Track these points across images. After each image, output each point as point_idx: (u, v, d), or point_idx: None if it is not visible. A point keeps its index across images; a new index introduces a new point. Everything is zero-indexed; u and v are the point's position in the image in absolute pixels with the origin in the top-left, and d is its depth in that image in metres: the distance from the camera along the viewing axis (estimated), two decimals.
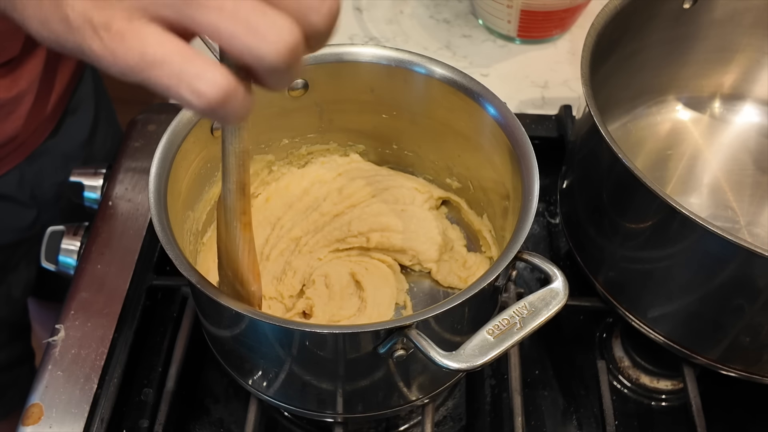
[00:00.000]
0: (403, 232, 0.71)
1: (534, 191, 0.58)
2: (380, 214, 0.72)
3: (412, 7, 1.09)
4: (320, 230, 0.73)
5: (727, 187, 0.81)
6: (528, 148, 0.61)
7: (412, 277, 0.73)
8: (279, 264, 0.71)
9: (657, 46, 0.79)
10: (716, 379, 0.69)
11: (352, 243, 0.72)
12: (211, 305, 0.58)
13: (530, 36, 1.02)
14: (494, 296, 0.60)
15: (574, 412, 0.74)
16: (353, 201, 0.74)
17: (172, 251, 0.54)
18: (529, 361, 0.76)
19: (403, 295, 0.71)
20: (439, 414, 0.73)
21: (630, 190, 0.61)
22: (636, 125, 0.85)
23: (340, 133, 0.76)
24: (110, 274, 0.74)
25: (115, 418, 0.69)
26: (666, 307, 0.66)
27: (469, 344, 0.50)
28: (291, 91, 0.69)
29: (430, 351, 0.49)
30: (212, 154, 0.67)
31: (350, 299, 0.69)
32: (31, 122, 0.86)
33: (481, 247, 0.74)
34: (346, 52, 0.68)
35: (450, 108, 0.68)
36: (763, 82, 0.85)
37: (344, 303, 0.68)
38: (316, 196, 0.75)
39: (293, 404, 0.63)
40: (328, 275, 0.69)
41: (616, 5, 0.69)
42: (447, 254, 0.73)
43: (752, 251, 0.54)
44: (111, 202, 0.80)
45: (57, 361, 0.69)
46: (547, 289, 0.53)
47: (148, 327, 0.76)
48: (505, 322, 0.50)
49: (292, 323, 0.53)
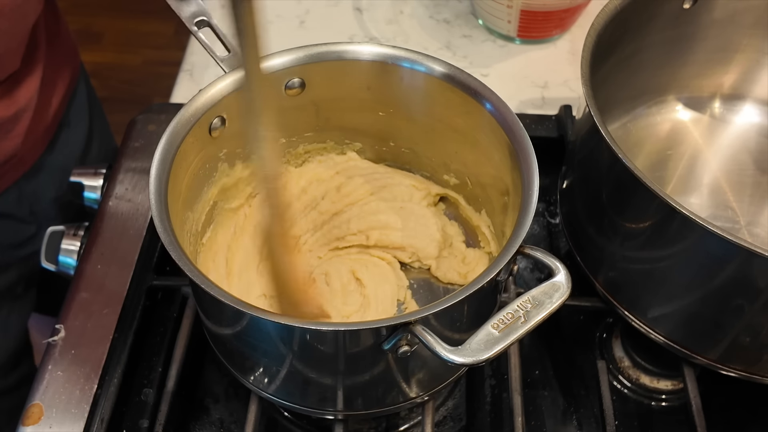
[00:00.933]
0: (402, 230, 0.71)
1: (534, 185, 0.58)
2: (379, 212, 0.72)
3: (412, 7, 1.09)
4: (319, 229, 0.73)
5: (727, 187, 0.81)
6: (526, 143, 0.61)
7: (411, 274, 0.73)
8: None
9: (657, 46, 0.79)
10: (716, 379, 0.69)
11: (352, 241, 0.72)
12: (214, 304, 0.58)
13: (530, 36, 1.02)
14: (495, 292, 0.61)
15: (574, 412, 0.74)
16: (351, 199, 0.74)
17: (175, 252, 0.53)
18: (529, 361, 0.76)
19: (404, 291, 0.71)
20: (439, 414, 0.73)
21: (630, 190, 0.61)
22: (636, 125, 0.85)
23: (337, 131, 0.76)
24: (110, 274, 0.74)
25: (115, 418, 0.69)
26: (666, 307, 0.66)
27: (475, 338, 0.49)
28: (288, 90, 0.69)
29: (436, 346, 0.49)
30: (210, 155, 0.67)
31: (351, 296, 0.69)
32: (29, 139, 0.86)
33: (479, 243, 0.74)
34: (342, 50, 0.68)
35: (447, 105, 0.68)
36: (763, 82, 0.85)
37: (347, 300, 0.68)
38: (314, 195, 0.75)
39: (294, 401, 0.63)
40: (328, 273, 0.69)
41: (616, 5, 0.69)
42: (446, 251, 0.73)
43: (752, 251, 0.54)
44: (111, 202, 0.80)
45: (57, 361, 0.69)
46: (550, 282, 0.53)
47: (148, 327, 0.76)
48: (510, 316, 0.50)
49: (294, 320, 0.53)
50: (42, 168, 0.91)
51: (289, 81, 0.68)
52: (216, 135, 0.66)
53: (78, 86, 0.98)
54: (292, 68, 0.67)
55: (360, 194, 0.75)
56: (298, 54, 0.67)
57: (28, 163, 0.89)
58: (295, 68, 0.67)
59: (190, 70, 0.99)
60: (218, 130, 0.66)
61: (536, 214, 0.57)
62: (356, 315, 0.68)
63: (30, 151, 0.88)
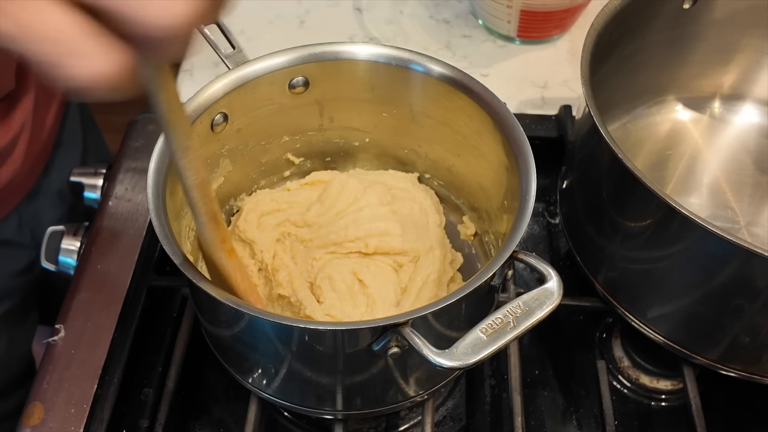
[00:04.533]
0: (402, 234, 0.71)
1: (531, 191, 0.58)
2: (376, 219, 0.71)
3: (412, 7, 1.09)
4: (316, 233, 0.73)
5: (727, 187, 0.81)
6: (526, 148, 0.61)
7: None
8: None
9: (657, 46, 0.79)
10: (716, 379, 0.69)
11: (350, 248, 0.71)
12: (211, 303, 0.58)
13: (530, 36, 1.02)
14: (490, 295, 0.61)
15: (574, 412, 0.74)
16: (350, 201, 0.74)
17: (170, 248, 0.54)
18: (529, 361, 0.76)
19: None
20: (439, 414, 0.73)
21: (630, 190, 0.61)
22: (636, 125, 0.85)
23: (340, 131, 0.76)
24: (110, 274, 0.74)
25: (115, 418, 0.69)
26: (666, 307, 0.66)
27: (462, 342, 0.50)
28: (292, 89, 0.69)
29: (423, 349, 0.49)
30: (211, 152, 0.68)
31: (357, 297, 0.69)
32: (27, 162, 0.85)
33: (480, 246, 0.74)
34: (347, 50, 0.68)
35: (450, 107, 0.68)
36: (763, 82, 0.85)
37: (355, 302, 0.68)
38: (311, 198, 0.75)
39: (293, 401, 0.63)
40: (331, 277, 0.69)
41: (616, 5, 0.69)
42: (448, 253, 0.73)
43: (752, 251, 0.54)
44: (111, 202, 0.80)
45: (57, 361, 0.69)
46: (542, 288, 0.53)
47: (148, 327, 0.76)
48: (499, 321, 0.50)
49: (290, 320, 0.53)
50: (40, 191, 0.90)
51: (293, 79, 0.68)
52: (218, 131, 0.66)
53: (71, 105, 0.96)
54: (295, 67, 0.67)
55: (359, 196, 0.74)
56: (302, 52, 0.67)
57: (26, 188, 0.88)
58: (298, 67, 0.67)
59: (190, 70, 0.99)
60: (220, 126, 0.66)
61: (536, 214, 0.57)
62: (365, 316, 0.67)
63: (27, 175, 0.87)
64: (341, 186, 0.74)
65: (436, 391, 0.66)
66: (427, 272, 0.69)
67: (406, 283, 0.70)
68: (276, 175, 0.77)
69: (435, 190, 0.77)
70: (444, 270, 0.71)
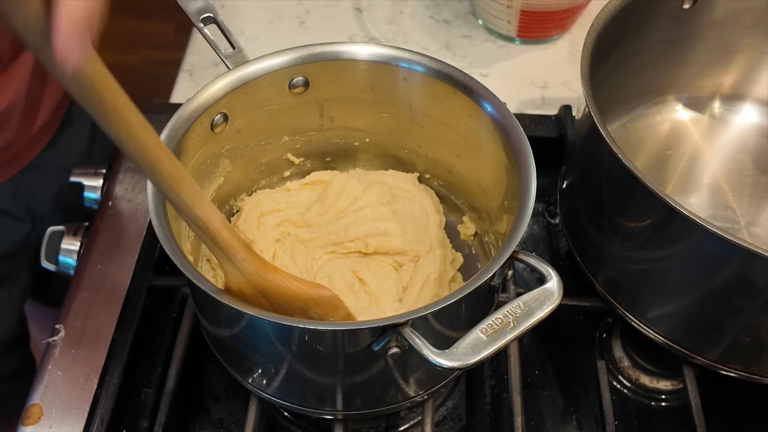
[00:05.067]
0: (402, 234, 0.71)
1: (531, 191, 0.58)
2: (376, 219, 0.72)
3: (412, 7, 1.09)
4: (316, 233, 0.73)
5: (726, 187, 0.81)
6: (526, 148, 0.61)
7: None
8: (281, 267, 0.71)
9: (657, 46, 0.79)
10: (716, 379, 0.69)
11: (350, 248, 0.72)
12: (211, 303, 0.58)
13: (530, 36, 1.02)
14: (490, 295, 0.61)
15: (574, 412, 0.74)
16: (350, 201, 0.74)
17: (170, 248, 0.54)
18: (529, 361, 0.76)
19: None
20: (439, 414, 0.73)
21: (630, 190, 0.61)
22: (636, 125, 0.85)
23: (340, 131, 0.76)
24: (110, 274, 0.74)
25: (115, 418, 0.69)
26: (666, 307, 0.66)
27: (462, 343, 0.50)
28: (292, 89, 0.69)
29: (423, 349, 0.49)
30: (211, 151, 0.68)
31: (358, 295, 0.69)
32: (24, 133, 0.85)
33: (480, 246, 0.74)
34: (347, 50, 0.68)
35: (449, 107, 0.68)
36: (762, 82, 0.85)
37: (357, 297, 0.68)
38: (311, 198, 0.75)
39: (293, 401, 0.63)
40: (331, 276, 0.69)
41: (616, 5, 0.69)
42: (448, 252, 0.73)
43: (752, 251, 0.54)
44: (111, 202, 0.80)
45: (57, 361, 0.69)
46: (542, 289, 0.53)
47: (148, 327, 0.76)
48: (499, 322, 0.50)
49: (290, 320, 0.53)
50: (41, 165, 0.91)
51: (293, 79, 0.68)
52: (218, 131, 0.66)
53: None
54: (295, 67, 0.67)
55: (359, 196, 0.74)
56: (302, 52, 0.67)
57: (25, 159, 0.89)
58: (298, 67, 0.67)
59: (190, 70, 1.00)
60: (220, 126, 0.66)
61: (536, 214, 0.57)
62: (367, 312, 0.67)
63: (27, 147, 0.88)
64: (341, 186, 0.74)
65: (436, 391, 0.66)
66: (428, 272, 0.69)
67: (407, 282, 0.70)
68: (276, 175, 0.78)
69: (435, 190, 0.77)
70: (445, 269, 0.71)
